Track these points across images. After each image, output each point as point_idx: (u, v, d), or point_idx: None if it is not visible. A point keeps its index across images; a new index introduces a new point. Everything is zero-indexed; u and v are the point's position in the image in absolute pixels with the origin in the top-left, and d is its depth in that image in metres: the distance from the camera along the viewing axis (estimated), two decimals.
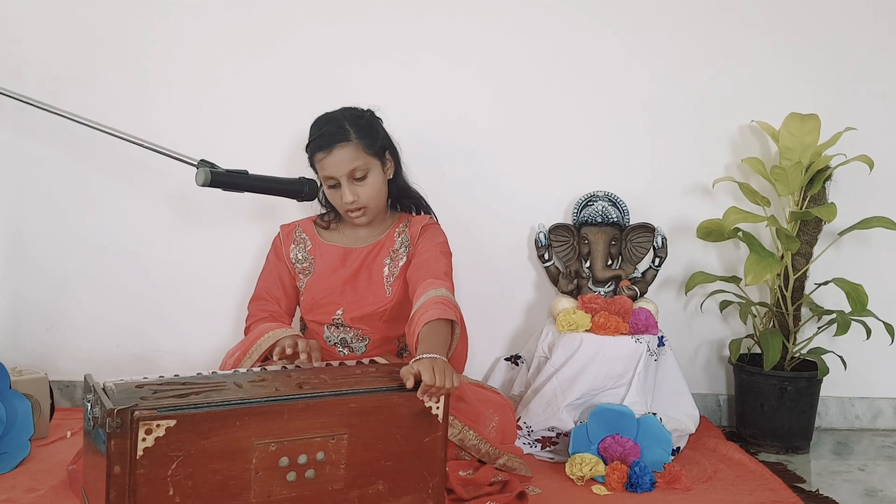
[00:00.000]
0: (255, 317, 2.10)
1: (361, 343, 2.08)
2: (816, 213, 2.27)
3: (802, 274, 2.40)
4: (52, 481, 1.87)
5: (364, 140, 1.99)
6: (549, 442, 2.16)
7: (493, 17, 2.44)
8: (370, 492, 1.58)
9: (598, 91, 2.48)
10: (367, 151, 2.00)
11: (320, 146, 1.98)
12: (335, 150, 1.97)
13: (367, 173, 2.00)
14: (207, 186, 1.88)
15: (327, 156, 1.97)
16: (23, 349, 2.47)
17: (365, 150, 1.99)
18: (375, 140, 2.03)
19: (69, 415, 2.36)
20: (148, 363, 2.47)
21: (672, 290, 2.54)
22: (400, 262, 2.07)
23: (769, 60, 2.48)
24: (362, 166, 1.99)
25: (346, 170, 1.97)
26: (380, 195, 2.05)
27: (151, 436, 1.38)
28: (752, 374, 2.36)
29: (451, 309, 1.79)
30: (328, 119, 2.03)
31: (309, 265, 2.11)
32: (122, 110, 2.37)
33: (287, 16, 2.42)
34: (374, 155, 2.02)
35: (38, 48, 2.40)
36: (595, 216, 2.41)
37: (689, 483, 1.97)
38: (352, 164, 1.97)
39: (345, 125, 1.99)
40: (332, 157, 1.97)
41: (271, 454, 1.49)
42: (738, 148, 2.51)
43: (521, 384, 2.37)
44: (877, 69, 2.50)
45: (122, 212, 2.46)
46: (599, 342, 2.16)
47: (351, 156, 1.97)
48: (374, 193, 2.02)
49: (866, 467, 2.24)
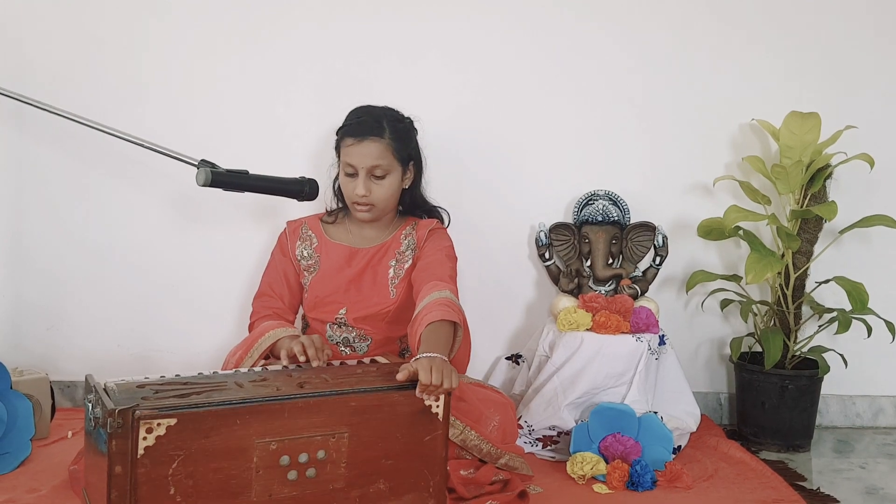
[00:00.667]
0: (258, 314, 2.10)
1: (364, 343, 2.08)
2: (817, 211, 2.27)
3: (803, 272, 2.40)
4: (54, 481, 1.87)
5: (396, 143, 2.01)
6: (551, 441, 2.16)
7: (492, 19, 2.44)
8: (371, 490, 1.58)
9: (599, 90, 2.48)
10: (395, 154, 2.01)
11: (353, 132, 2.00)
12: (366, 142, 1.98)
13: (387, 175, 2.01)
14: (208, 186, 1.88)
15: (356, 144, 1.99)
16: (24, 349, 2.47)
17: (393, 152, 2.01)
18: (406, 147, 2.04)
19: (70, 415, 2.36)
20: (149, 363, 2.46)
21: (673, 288, 2.54)
22: (405, 264, 2.07)
23: (769, 59, 2.48)
24: (385, 166, 2.00)
25: (369, 164, 1.98)
26: (391, 199, 2.06)
27: (152, 434, 1.39)
28: (753, 373, 2.36)
29: (454, 311, 1.79)
30: (369, 111, 2.05)
31: (314, 263, 2.11)
32: (121, 110, 2.37)
33: (287, 16, 2.42)
34: (400, 160, 2.03)
35: (37, 49, 2.40)
36: (596, 215, 2.41)
37: (690, 482, 1.97)
38: (376, 160, 1.98)
39: (383, 122, 2.01)
40: (360, 147, 1.98)
41: (272, 453, 1.49)
42: (738, 146, 2.50)
43: (522, 383, 2.37)
44: (877, 67, 2.50)
45: (122, 212, 2.46)
46: (600, 341, 2.16)
47: (378, 152, 1.99)
48: (386, 196, 2.03)
49: (867, 465, 2.24)
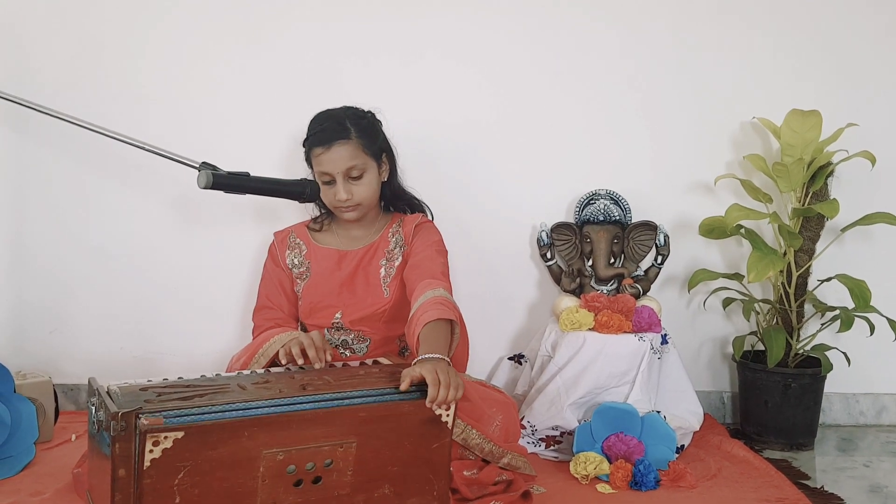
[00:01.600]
0: (261, 327, 2.09)
1: (363, 344, 2.08)
2: (819, 209, 2.27)
3: (805, 270, 2.40)
4: (57, 484, 1.87)
5: (364, 140, 2.00)
6: (553, 441, 2.16)
7: (493, 16, 2.44)
8: (376, 495, 1.58)
9: (599, 89, 2.48)
10: (366, 151, 2.00)
11: (320, 141, 1.99)
12: (334, 147, 1.97)
13: (364, 173, 2.01)
14: (209, 189, 1.88)
15: (326, 151, 1.98)
16: (26, 353, 2.47)
17: (364, 149, 2.00)
18: (375, 141, 2.03)
19: (73, 418, 2.36)
20: (151, 366, 2.47)
21: (675, 287, 2.54)
22: (395, 262, 2.07)
23: (770, 57, 2.48)
24: (360, 165, 1.99)
25: (344, 167, 1.98)
26: (373, 195, 2.05)
27: (159, 447, 1.38)
28: (756, 371, 2.36)
29: (450, 309, 1.78)
30: (329, 116, 2.03)
31: (305, 269, 2.11)
32: (122, 113, 2.37)
33: (287, 15, 2.42)
34: (372, 156, 2.02)
35: (39, 52, 2.40)
36: (597, 214, 2.40)
37: (693, 481, 1.97)
38: (350, 162, 1.98)
39: (346, 123, 2.00)
40: (330, 154, 1.97)
41: (279, 463, 1.48)
42: (739, 145, 2.50)
43: (525, 383, 2.36)
44: (878, 64, 2.50)
45: (124, 215, 2.46)
46: (603, 341, 2.16)
47: (350, 154, 1.98)
48: (368, 193, 2.03)
49: (871, 463, 2.23)
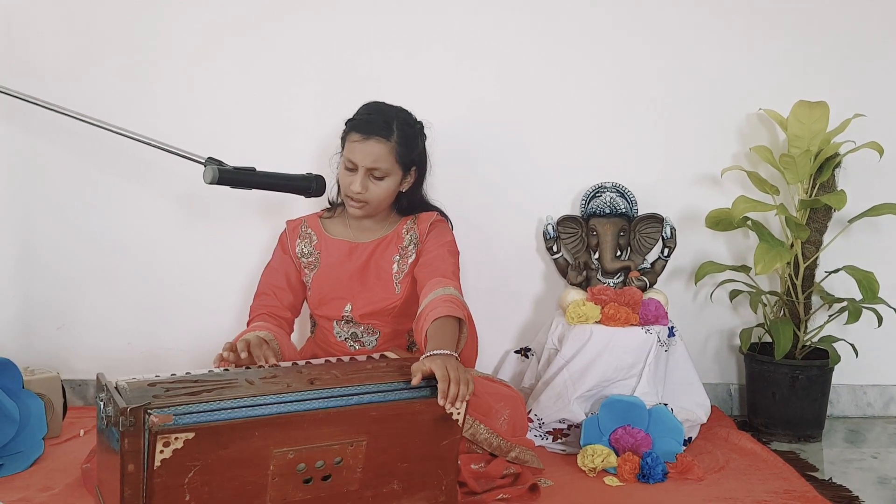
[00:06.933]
0: (253, 313, 2.09)
1: (372, 337, 2.08)
2: (826, 200, 2.26)
3: (812, 262, 2.39)
4: (67, 480, 1.88)
5: (400, 147, 1.98)
6: (561, 434, 2.16)
7: (500, 9, 2.43)
8: (385, 491, 1.58)
9: (605, 82, 2.47)
10: (397, 159, 1.99)
11: (360, 129, 1.97)
12: (371, 141, 1.96)
13: (386, 177, 1.99)
14: (215, 184, 1.88)
15: (361, 141, 1.96)
16: (34, 349, 2.48)
17: (396, 156, 1.98)
18: (410, 152, 2.02)
19: (82, 413, 2.37)
20: (159, 361, 2.47)
21: (681, 280, 2.54)
22: (409, 258, 2.07)
23: (776, 48, 2.47)
24: (385, 169, 1.98)
25: (369, 163, 1.96)
26: (385, 200, 2.04)
27: (169, 448, 1.38)
28: (764, 364, 2.35)
29: (458, 307, 1.78)
30: (379, 109, 2.02)
31: (315, 259, 2.11)
32: (128, 109, 2.37)
33: (293, 10, 2.41)
34: (402, 165, 2.01)
35: (43, 48, 2.40)
36: (603, 207, 2.40)
37: (701, 473, 1.97)
38: (377, 162, 1.96)
39: (392, 124, 1.98)
40: (364, 146, 1.96)
41: (289, 461, 1.48)
42: (746, 137, 2.49)
43: (532, 376, 2.37)
44: (885, 55, 2.48)
45: (130, 211, 2.46)
46: (609, 333, 2.16)
47: (381, 154, 1.96)
48: (382, 196, 2.01)
49: (879, 455, 2.23)
